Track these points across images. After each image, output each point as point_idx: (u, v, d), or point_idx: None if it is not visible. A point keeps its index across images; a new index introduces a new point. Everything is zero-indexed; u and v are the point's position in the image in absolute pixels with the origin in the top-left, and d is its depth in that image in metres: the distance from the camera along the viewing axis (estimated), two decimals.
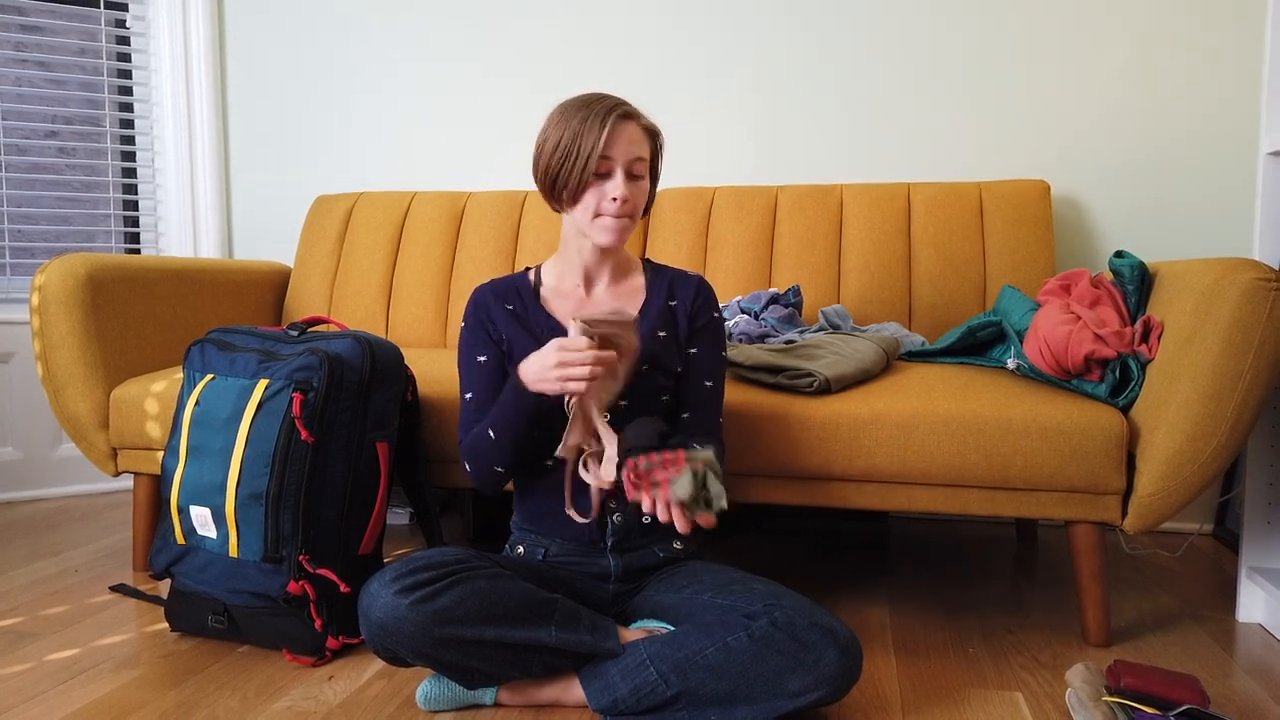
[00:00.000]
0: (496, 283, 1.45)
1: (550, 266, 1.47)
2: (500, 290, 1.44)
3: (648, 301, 1.44)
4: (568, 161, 1.32)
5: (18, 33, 2.56)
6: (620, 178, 1.32)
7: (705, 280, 1.48)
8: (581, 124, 1.31)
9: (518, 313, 1.41)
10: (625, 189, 1.32)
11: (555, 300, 1.43)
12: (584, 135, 1.30)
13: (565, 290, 1.44)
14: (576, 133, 1.31)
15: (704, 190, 2.28)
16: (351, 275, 2.37)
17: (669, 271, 1.48)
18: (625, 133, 1.32)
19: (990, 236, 2.09)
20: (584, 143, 1.30)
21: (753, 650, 1.17)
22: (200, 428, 1.49)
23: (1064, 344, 1.53)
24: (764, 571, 1.90)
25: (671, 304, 1.44)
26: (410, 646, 1.18)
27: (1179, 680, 1.19)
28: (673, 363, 1.41)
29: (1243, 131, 2.17)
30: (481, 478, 1.37)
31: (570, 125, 1.32)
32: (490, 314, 1.41)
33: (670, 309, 1.43)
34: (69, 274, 1.83)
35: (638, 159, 1.34)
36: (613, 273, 1.44)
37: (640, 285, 1.46)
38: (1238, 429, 1.35)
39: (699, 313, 1.44)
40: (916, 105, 2.33)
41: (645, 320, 1.41)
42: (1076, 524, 1.50)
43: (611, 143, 1.31)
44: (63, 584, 1.82)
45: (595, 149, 1.30)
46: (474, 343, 1.41)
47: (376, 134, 2.66)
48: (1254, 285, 1.31)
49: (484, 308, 1.42)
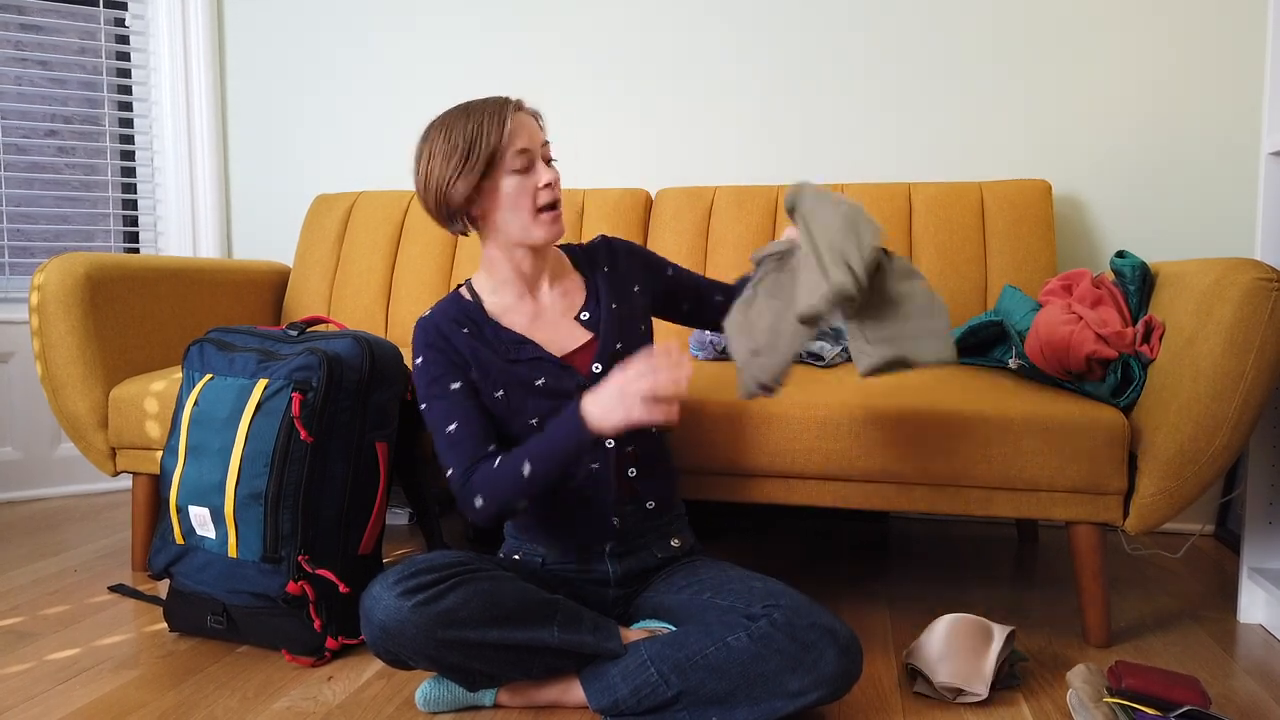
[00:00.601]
0: (438, 311, 1.35)
1: (483, 287, 1.38)
2: (450, 316, 1.34)
3: (589, 285, 1.42)
4: (469, 166, 1.24)
5: (17, 32, 2.56)
6: (541, 164, 1.30)
7: (604, 235, 1.48)
8: (477, 127, 1.25)
9: (474, 335, 1.33)
10: (552, 171, 1.29)
11: (506, 316, 1.36)
12: (483, 136, 1.24)
13: (510, 305, 1.37)
14: (474, 136, 1.25)
15: (704, 190, 2.28)
16: (351, 275, 2.37)
17: (581, 249, 1.47)
18: (526, 122, 1.29)
19: (991, 236, 2.09)
20: (485, 142, 1.24)
21: (753, 650, 1.17)
22: (199, 427, 1.49)
23: (1065, 344, 1.53)
24: (763, 571, 1.90)
25: (606, 271, 1.43)
26: (413, 649, 1.17)
27: (1180, 681, 1.19)
28: (637, 328, 1.41)
29: (1244, 131, 2.17)
30: (497, 511, 1.24)
31: (465, 131, 1.25)
32: (451, 341, 1.32)
33: (606, 277, 1.42)
34: (68, 273, 1.83)
35: (545, 143, 1.32)
36: (551, 273, 1.40)
37: (577, 276, 1.44)
38: (1239, 429, 1.35)
39: (625, 258, 1.45)
40: (917, 104, 2.33)
41: (598, 299, 1.40)
42: (1077, 524, 1.50)
43: (517, 134, 1.27)
44: (62, 584, 1.81)
45: (501, 144, 1.25)
46: (439, 373, 1.30)
47: (376, 133, 2.66)
48: (1255, 285, 1.31)
49: (442, 335, 1.32)
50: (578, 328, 1.38)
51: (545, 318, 1.38)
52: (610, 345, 1.36)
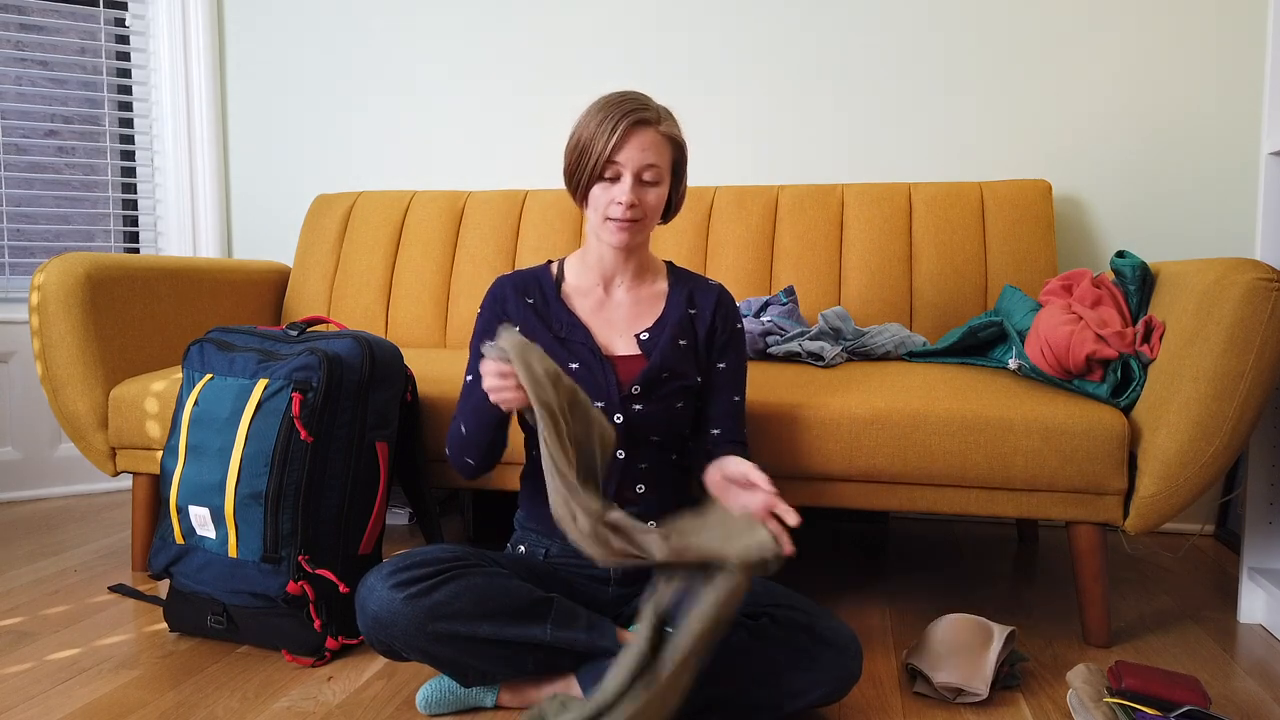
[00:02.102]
0: (517, 275, 1.43)
1: (573, 262, 1.45)
2: (520, 283, 1.42)
3: (667, 308, 1.41)
4: (581, 161, 1.31)
5: (17, 32, 2.56)
6: (628, 183, 1.30)
7: (725, 290, 1.45)
8: (598, 126, 1.30)
9: (537, 306, 1.39)
10: (632, 194, 1.30)
11: (576, 297, 1.41)
12: (597, 138, 1.29)
13: (585, 289, 1.42)
14: (592, 135, 1.29)
15: (704, 190, 2.28)
16: (351, 275, 2.37)
17: (691, 278, 1.46)
18: (637, 139, 1.29)
19: (992, 236, 2.08)
20: (595, 145, 1.29)
21: (752, 650, 1.17)
22: (199, 427, 1.49)
23: (1065, 344, 1.53)
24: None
25: (691, 312, 1.41)
26: (405, 641, 1.18)
27: (1180, 681, 1.19)
28: (690, 372, 1.39)
29: (1244, 131, 2.17)
30: (456, 464, 1.38)
31: (589, 126, 1.31)
32: (506, 306, 1.40)
33: (690, 317, 1.41)
34: (68, 273, 1.82)
35: (649, 165, 1.31)
36: (633, 275, 1.42)
37: (662, 291, 1.43)
38: (1239, 429, 1.35)
39: (722, 325, 1.42)
40: (918, 104, 2.33)
41: (665, 327, 1.39)
42: (1078, 524, 1.50)
43: (620, 148, 1.29)
44: (62, 584, 1.81)
45: (604, 153, 1.28)
46: (484, 331, 1.40)
47: (376, 133, 2.66)
48: (1255, 285, 1.31)
49: (500, 300, 1.40)
50: (633, 342, 1.38)
51: (609, 314, 1.40)
52: (657, 372, 1.35)
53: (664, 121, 1.33)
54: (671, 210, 1.41)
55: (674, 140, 1.35)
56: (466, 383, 1.37)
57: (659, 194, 1.33)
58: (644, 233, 1.36)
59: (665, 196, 1.35)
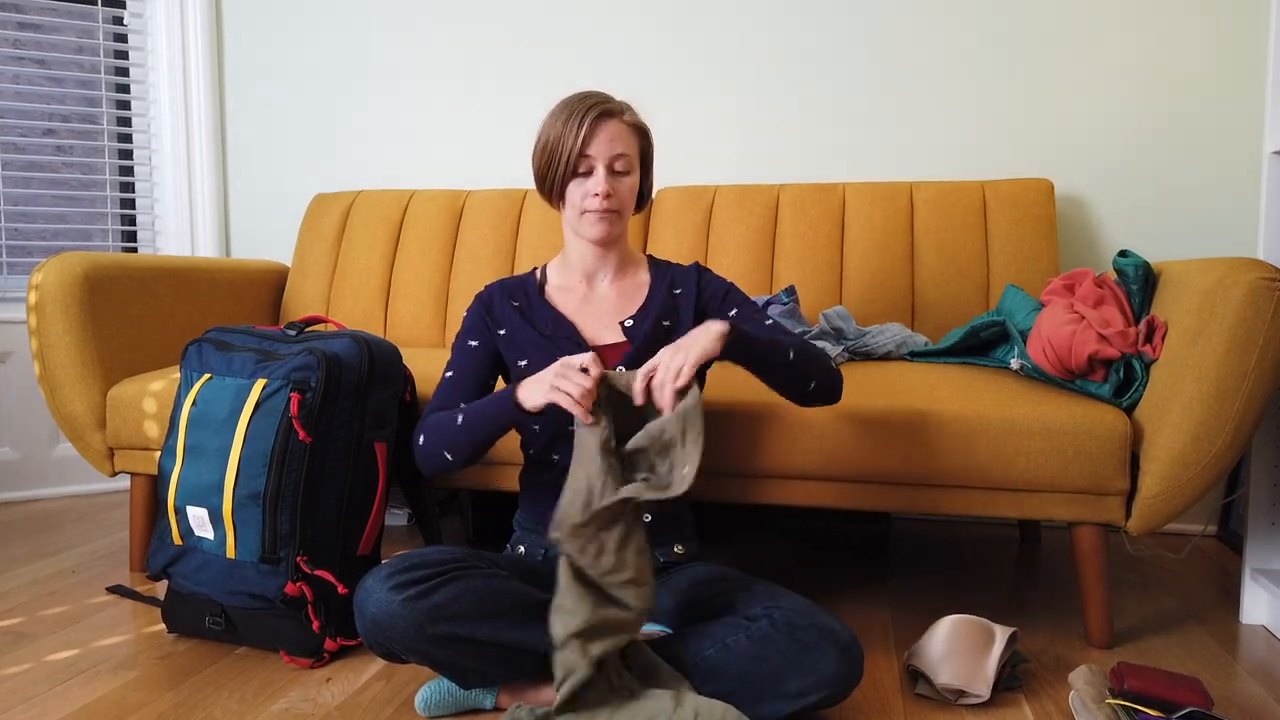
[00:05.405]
0: (505, 281, 1.48)
1: (554, 265, 1.49)
2: (507, 288, 1.46)
3: (650, 295, 1.44)
4: (552, 161, 1.35)
5: (15, 30, 2.55)
6: (601, 174, 1.33)
7: (698, 263, 1.49)
8: (563, 125, 1.33)
9: (522, 308, 1.43)
10: (606, 185, 1.33)
11: (559, 296, 1.45)
12: (564, 136, 1.33)
13: (568, 286, 1.46)
14: (559, 134, 1.34)
15: (705, 189, 2.27)
16: (350, 274, 2.36)
17: (669, 266, 1.50)
18: (604, 131, 1.33)
19: (993, 236, 2.08)
20: (564, 143, 1.33)
21: (752, 651, 1.17)
22: (197, 428, 1.48)
23: (1068, 344, 1.52)
24: (764, 572, 1.89)
25: (676, 293, 1.44)
26: (403, 643, 1.17)
27: (1182, 682, 1.19)
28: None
29: (1247, 130, 2.16)
30: (426, 455, 1.35)
31: (555, 126, 1.35)
32: (493, 308, 1.44)
33: (674, 299, 1.44)
34: (66, 273, 1.82)
35: (619, 155, 1.34)
36: (615, 269, 1.45)
37: (644, 281, 1.47)
38: (1242, 429, 1.35)
39: (710, 290, 1.45)
40: (919, 103, 2.32)
41: (650, 312, 1.42)
42: (1080, 525, 1.49)
43: (589, 141, 1.32)
44: (60, 584, 1.81)
45: (574, 149, 1.32)
46: (468, 329, 1.44)
47: (375, 132, 2.65)
48: (1258, 285, 1.31)
49: (487, 302, 1.45)
50: (618, 331, 1.41)
51: (593, 307, 1.43)
52: (641, 356, 1.35)
53: (627, 112, 1.38)
54: (643, 199, 1.44)
55: (639, 129, 1.40)
56: (446, 379, 1.40)
57: (631, 183, 1.38)
58: (622, 223, 1.39)
59: (637, 186, 1.39)
